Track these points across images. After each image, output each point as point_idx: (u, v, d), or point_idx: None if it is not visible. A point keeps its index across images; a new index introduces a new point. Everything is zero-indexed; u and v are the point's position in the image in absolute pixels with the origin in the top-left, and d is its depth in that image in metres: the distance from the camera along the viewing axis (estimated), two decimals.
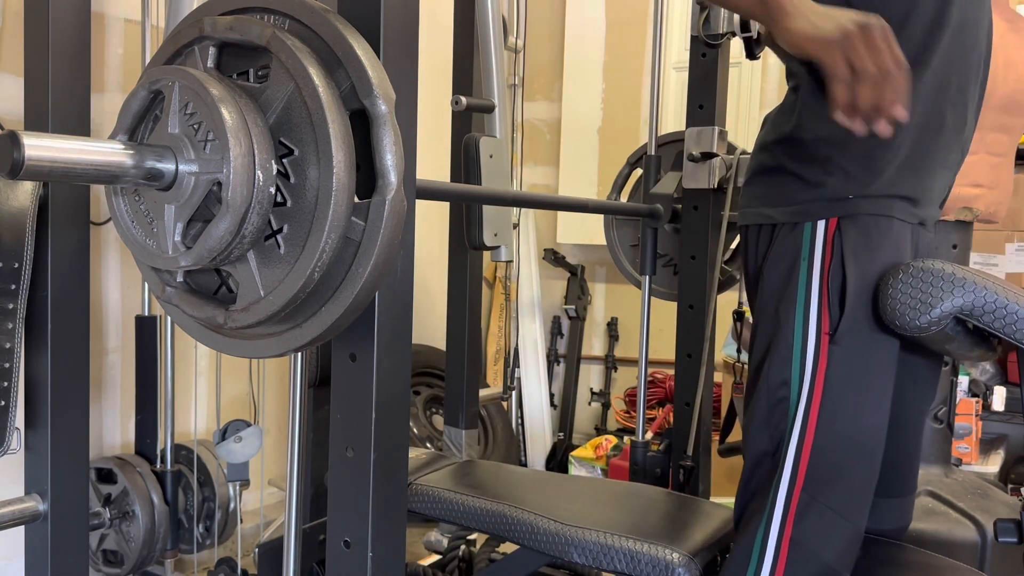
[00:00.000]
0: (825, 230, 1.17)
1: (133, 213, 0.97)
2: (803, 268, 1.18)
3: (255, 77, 0.95)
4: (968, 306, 1.06)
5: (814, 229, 1.18)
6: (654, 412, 3.54)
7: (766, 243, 1.24)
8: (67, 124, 1.52)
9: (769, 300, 1.23)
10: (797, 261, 1.19)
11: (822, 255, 1.17)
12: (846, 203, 1.17)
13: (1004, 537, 1.14)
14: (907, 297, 1.07)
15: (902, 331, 1.09)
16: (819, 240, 1.17)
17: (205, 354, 2.63)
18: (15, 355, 1.54)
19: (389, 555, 1.04)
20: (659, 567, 1.34)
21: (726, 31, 2.01)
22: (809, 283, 1.17)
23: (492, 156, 1.72)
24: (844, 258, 1.15)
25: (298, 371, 1.44)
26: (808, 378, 1.17)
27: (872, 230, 1.17)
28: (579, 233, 3.96)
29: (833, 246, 1.16)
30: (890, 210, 1.18)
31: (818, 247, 1.17)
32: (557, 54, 4.11)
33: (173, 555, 2.21)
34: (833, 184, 1.18)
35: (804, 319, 1.17)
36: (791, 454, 1.18)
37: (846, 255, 1.15)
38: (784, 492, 1.18)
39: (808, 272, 1.18)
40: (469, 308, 2.04)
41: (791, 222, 1.20)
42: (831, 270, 1.16)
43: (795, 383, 1.18)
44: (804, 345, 1.17)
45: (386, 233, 0.89)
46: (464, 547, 2.03)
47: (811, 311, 1.17)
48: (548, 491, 1.63)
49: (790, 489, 1.18)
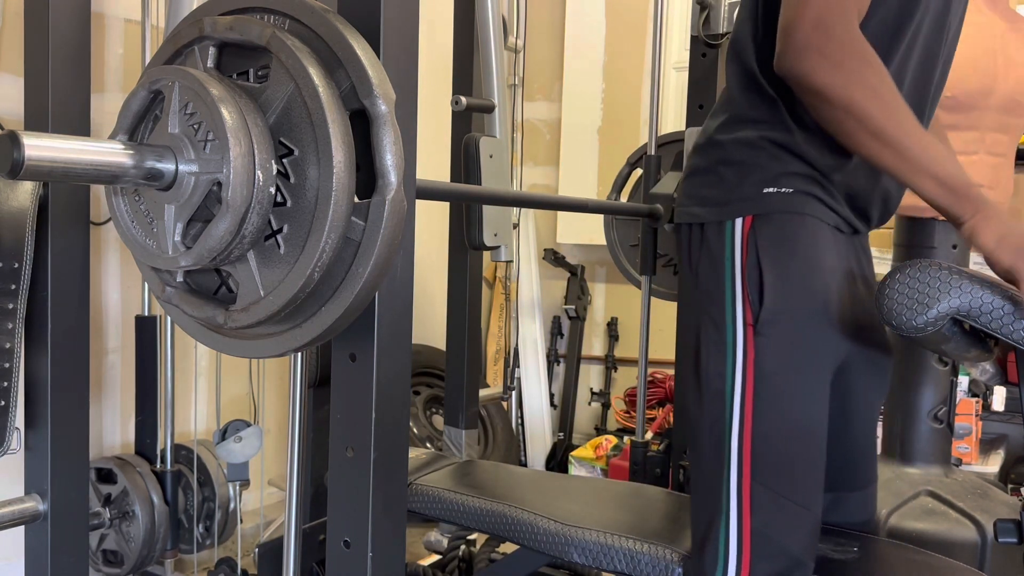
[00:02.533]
0: (742, 227, 1.22)
1: (133, 213, 0.97)
2: (727, 263, 1.23)
3: (255, 77, 0.95)
4: (965, 307, 1.05)
5: (733, 227, 1.23)
6: (654, 412, 3.54)
7: (698, 241, 1.28)
8: (67, 124, 1.52)
9: (703, 295, 1.28)
10: (722, 257, 1.24)
11: (740, 251, 1.22)
12: (758, 201, 1.22)
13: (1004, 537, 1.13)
14: (904, 297, 1.07)
15: (899, 331, 1.08)
16: (737, 237, 1.22)
17: (205, 354, 2.63)
18: (15, 355, 1.54)
19: (389, 555, 1.04)
20: (659, 567, 1.34)
21: (726, 31, 2.01)
22: (733, 277, 1.22)
23: (492, 156, 1.72)
24: (759, 253, 1.20)
25: (298, 371, 1.44)
26: (740, 368, 1.20)
27: (785, 226, 1.21)
28: (579, 233, 3.96)
29: (748, 242, 1.21)
30: (803, 208, 1.21)
31: (737, 244, 1.22)
32: (557, 54, 4.11)
33: (173, 555, 2.21)
34: (749, 183, 1.23)
35: (732, 312, 1.22)
36: (734, 443, 1.20)
37: (760, 251, 1.20)
38: (735, 483, 1.20)
39: (731, 267, 1.22)
40: (469, 308, 2.04)
41: (716, 220, 1.25)
42: (747, 265, 1.20)
43: (728, 374, 1.21)
44: (734, 337, 1.21)
45: (386, 233, 0.89)
46: (464, 547, 2.03)
47: (737, 304, 1.21)
48: (548, 491, 1.63)
49: (739, 479, 1.20)
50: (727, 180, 1.24)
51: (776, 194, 1.21)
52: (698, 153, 1.32)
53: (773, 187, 1.21)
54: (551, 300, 4.14)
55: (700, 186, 1.29)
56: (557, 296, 4.12)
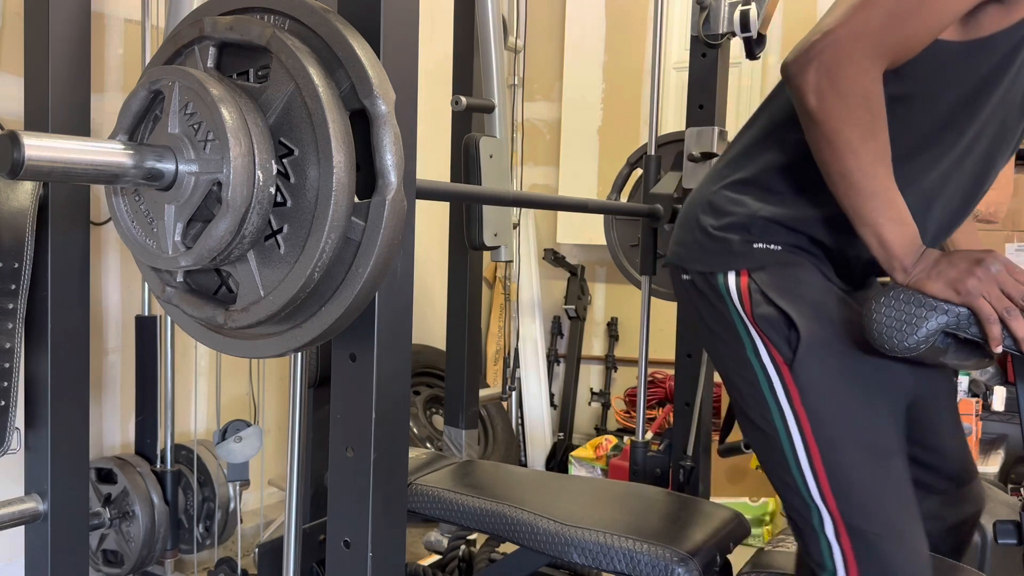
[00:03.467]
0: (736, 279, 1.23)
1: (133, 213, 0.97)
2: (732, 314, 1.24)
3: (255, 77, 0.95)
4: (953, 322, 1.06)
5: (726, 279, 1.24)
6: (654, 412, 3.54)
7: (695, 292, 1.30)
8: (67, 124, 1.52)
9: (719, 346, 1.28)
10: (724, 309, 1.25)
11: (741, 302, 1.22)
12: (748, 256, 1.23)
13: (1004, 539, 1.13)
14: (891, 320, 1.08)
15: (892, 353, 1.09)
16: (732, 288, 1.23)
17: (205, 354, 2.63)
18: (15, 355, 1.54)
19: (389, 555, 1.04)
20: (659, 567, 1.34)
21: (726, 31, 2.01)
22: (745, 326, 1.23)
23: (492, 156, 1.72)
24: (771, 298, 1.20)
25: (298, 371, 1.44)
26: (788, 409, 1.19)
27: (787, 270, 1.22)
28: (579, 233, 3.96)
29: (749, 292, 1.21)
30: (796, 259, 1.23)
31: (734, 295, 1.23)
32: (557, 54, 4.11)
33: (173, 555, 2.21)
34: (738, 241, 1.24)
35: (757, 359, 1.21)
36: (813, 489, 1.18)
37: (771, 295, 1.20)
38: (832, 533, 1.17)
39: (738, 317, 1.23)
40: (469, 308, 2.04)
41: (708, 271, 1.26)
42: (754, 315, 1.21)
43: (776, 421, 1.20)
44: (769, 381, 1.21)
45: (386, 233, 0.89)
46: (464, 547, 2.03)
47: (759, 350, 1.21)
48: (548, 491, 1.63)
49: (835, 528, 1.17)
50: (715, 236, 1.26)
51: (766, 250, 1.22)
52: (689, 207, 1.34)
53: (762, 244, 1.23)
54: (551, 300, 4.14)
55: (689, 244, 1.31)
56: (557, 296, 4.12)
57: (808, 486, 1.18)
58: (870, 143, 1.08)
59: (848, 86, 1.07)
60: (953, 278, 1.06)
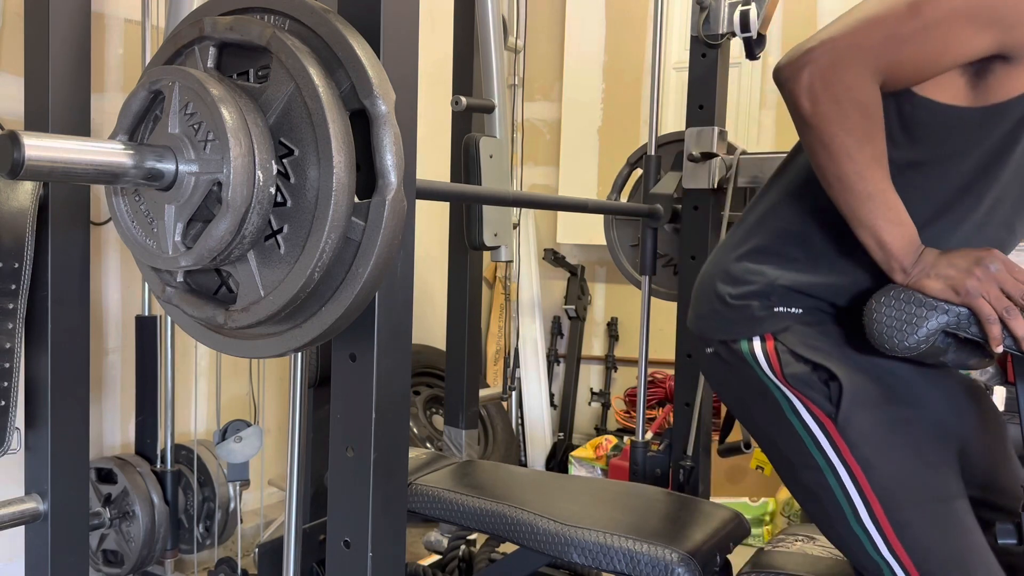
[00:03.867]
0: (761, 343, 1.21)
1: (133, 213, 0.97)
2: (762, 377, 1.21)
3: (255, 77, 0.95)
4: (953, 322, 1.06)
5: (751, 345, 1.22)
6: (654, 412, 3.54)
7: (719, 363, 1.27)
8: (67, 124, 1.52)
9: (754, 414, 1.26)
10: (752, 372, 1.22)
11: (768, 364, 1.20)
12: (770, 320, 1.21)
13: (1004, 539, 1.13)
14: (891, 320, 1.08)
15: (892, 353, 1.09)
16: (759, 353, 1.21)
17: (205, 354, 2.63)
18: (15, 355, 1.54)
19: (389, 555, 1.04)
20: (659, 567, 1.34)
21: (726, 31, 2.01)
22: (778, 387, 1.20)
23: (492, 156, 1.72)
24: (796, 354, 1.18)
25: (298, 371, 1.44)
26: (840, 465, 1.15)
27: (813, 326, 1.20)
28: (579, 233, 3.96)
29: (778, 353, 1.19)
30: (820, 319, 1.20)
31: (761, 359, 1.21)
32: (557, 54, 4.11)
33: (173, 555, 2.21)
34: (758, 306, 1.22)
35: (796, 417, 1.19)
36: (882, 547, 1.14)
37: (798, 352, 1.18)
38: None
39: (769, 379, 1.21)
40: (469, 308, 2.04)
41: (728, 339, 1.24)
42: (786, 375, 1.18)
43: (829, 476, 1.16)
44: (815, 439, 1.17)
45: (386, 233, 0.89)
46: (464, 547, 2.03)
47: (798, 409, 1.18)
48: (548, 491, 1.63)
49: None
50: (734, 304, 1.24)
51: (787, 313, 1.21)
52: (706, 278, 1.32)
53: (783, 308, 1.21)
54: (551, 300, 4.14)
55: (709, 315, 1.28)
56: (557, 296, 4.12)
57: (875, 542, 1.14)
58: (866, 147, 1.08)
59: (842, 90, 1.07)
60: (952, 278, 1.06)
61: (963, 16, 1.05)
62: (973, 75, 1.10)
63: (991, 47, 1.06)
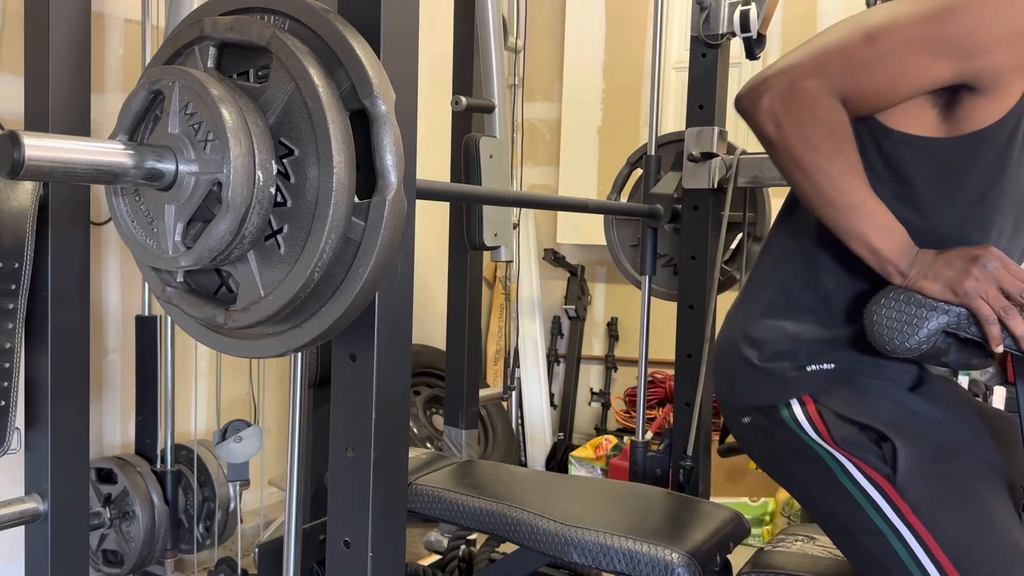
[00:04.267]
0: (801, 405, 1.18)
1: (133, 213, 0.97)
2: (809, 442, 1.18)
3: (255, 77, 0.95)
4: (953, 322, 1.06)
5: (791, 410, 1.19)
6: (654, 412, 3.54)
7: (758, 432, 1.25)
8: (67, 124, 1.52)
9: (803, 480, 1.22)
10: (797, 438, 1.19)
11: (814, 428, 1.17)
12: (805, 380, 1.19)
13: None
14: (892, 322, 1.07)
15: (893, 354, 1.09)
16: (800, 416, 1.18)
17: (205, 354, 2.63)
18: (15, 355, 1.54)
19: (389, 555, 1.04)
20: (659, 567, 1.34)
21: (726, 31, 2.01)
22: (827, 451, 1.16)
23: (492, 156, 1.72)
24: (843, 416, 1.15)
25: (298, 371, 1.44)
26: (904, 528, 1.10)
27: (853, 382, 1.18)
28: (579, 233, 3.96)
29: (822, 416, 1.16)
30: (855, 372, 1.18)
31: (804, 422, 1.18)
32: (557, 54, 4.11)
33: (173, 555, 2.21)
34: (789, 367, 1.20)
35: (851, 481, 1.14)
36: None
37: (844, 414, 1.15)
38: None
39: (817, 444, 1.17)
40: (469, 308, 2.04)
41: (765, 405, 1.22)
42: (834, 437, 1.15)
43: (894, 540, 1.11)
44: (873, 503, 1.13)
45: (386, 233, 0.89)
46: (464, 547, 2.03)
47: (852, 473, 1.14)
48: (548, 491, 1.63)
49: None
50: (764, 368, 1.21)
51: (820, 371, 1.18)
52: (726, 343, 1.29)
53: (815, 366, 1.19)
54: (551, 300, 4.14)
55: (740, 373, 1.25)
56: (557, 296, 4.12)
57: None
58: (837, 159, 1.08)
59: (803, 109, 1.07)
60: (951, 279, 1.06)
61: (918, 45, 1.06)
62: (944, 107, 1.11)
63: (952, 76, 1.06)
